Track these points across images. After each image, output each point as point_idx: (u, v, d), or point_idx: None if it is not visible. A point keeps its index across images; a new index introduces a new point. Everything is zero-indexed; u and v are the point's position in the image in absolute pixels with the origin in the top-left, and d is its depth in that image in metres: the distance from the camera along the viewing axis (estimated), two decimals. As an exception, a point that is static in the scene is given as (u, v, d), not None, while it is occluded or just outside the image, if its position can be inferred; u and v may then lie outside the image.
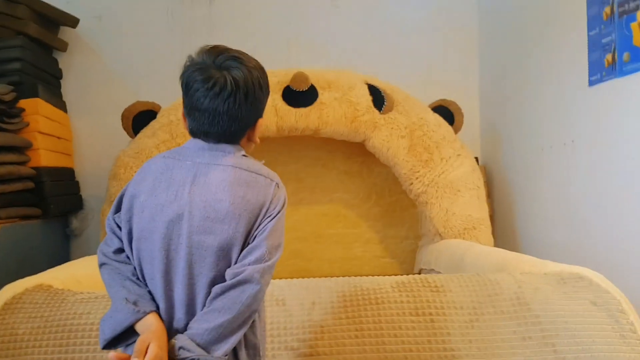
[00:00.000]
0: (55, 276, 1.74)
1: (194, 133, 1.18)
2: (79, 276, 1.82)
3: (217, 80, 1.11)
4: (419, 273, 3.05)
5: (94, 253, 2.66)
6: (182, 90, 1.16)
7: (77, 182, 3.63)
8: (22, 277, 2.94)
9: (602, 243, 2.41)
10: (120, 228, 1.19)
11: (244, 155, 1.17)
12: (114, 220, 1.21)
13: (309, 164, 3.26)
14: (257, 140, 1.23)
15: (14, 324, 1.45)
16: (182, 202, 1.11)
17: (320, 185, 3.25)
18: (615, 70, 2.32)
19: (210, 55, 1.14)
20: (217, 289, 1.08)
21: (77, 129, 3.66)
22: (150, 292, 1.14)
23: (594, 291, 1.57)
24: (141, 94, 3.35)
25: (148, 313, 1.08)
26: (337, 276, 3.16)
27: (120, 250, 1.19)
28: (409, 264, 3.18)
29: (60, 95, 3.60)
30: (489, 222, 2.99)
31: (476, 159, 3.69)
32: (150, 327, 1.07)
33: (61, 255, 3.48)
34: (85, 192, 3.65)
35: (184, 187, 1.12)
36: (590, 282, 1.60)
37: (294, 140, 3.13)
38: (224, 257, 1.10)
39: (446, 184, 2.85)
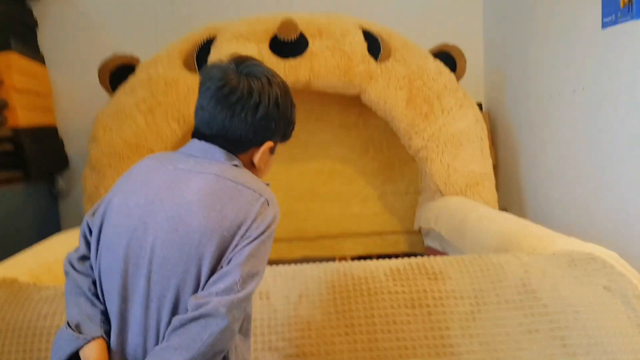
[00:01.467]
0: (23, 264, 1.61)
1: (194, 132, 1.06)
2: (50, 262, 1.69)
3: (231, 82, 1.00)
4: (419, 230, 2.93)
5: (83, 215, 2.55)
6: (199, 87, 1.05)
7: (61, 140, 3.46)
8: (9, 245, 2.84)
9: (612, 198, 2.26)
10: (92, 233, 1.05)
11: (235, 165, 1.02)
12: (87, 223, 1.07)
13: (301, 118, 2.99)
14: (262, 166, 1.09)
15: (-27, 327, 1.34)
16: (151, 210, 0.97)
17: (314, 140, 3.07)
18: (632, 11, 2.09)
19: (237, 61, 1.04)
20: (176, 320, 0.93)
21: (57, 83, 3.45)
22: (104, 312, 1.00)
23: (607, 274, 1.43)
24: (122, 44, 3.11)
25: (89, 341, 0.95)
26: (334, 235, 3.10)
27: (84, 258, 1.06)
28: (409, 220, 3.05)
29: (36, 47, 3.36)
30: (492, 177, 2.83)
31: (480, 105, 3.49)
32: (88, 359, 0.94)
33: (49, 218, 3.36)
34: (70, 150, 3.49)
35: (157, 193, 0.98)
36: (603, 264, 1.45)
37: (285, 93, 2.92)
38: (191, 280, 0.95)
39: (447, 138, 2.66)
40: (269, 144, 1.06)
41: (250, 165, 1.07)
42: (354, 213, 3.08)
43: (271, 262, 1.62)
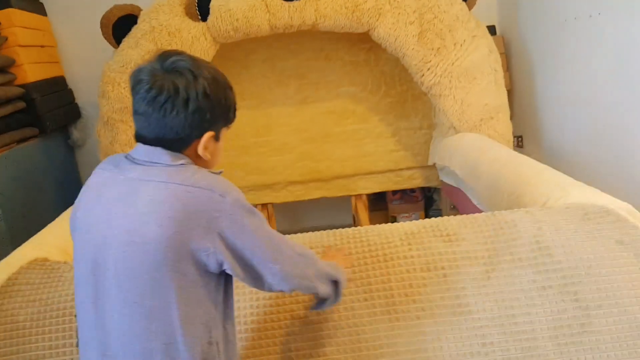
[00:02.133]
0: (51, 240, 1.67)
1: (136, 136, 1.06)
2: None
3: (156, 83, 0.99)
4: (434, 165, 2.94)
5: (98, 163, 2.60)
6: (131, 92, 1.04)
7: (71, 90, 3.45)
8: (34, 202, 2.90)
9: (629, 128, 2.22)
10: None
11: (182, 165, 1.02)
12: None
13: (310, 57, 3.00)
14: (208, 156, 1.07)
15: (13, 310, 1.42)
16: (108, 224, 0.99)
17: (325, 79, 3.02)
18: None
19: (162, 59, 1.02)
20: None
21: (60, 33, 3.38)
22: None
23: (620, 228, 1.44)
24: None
25: None
26: (350, 175, 3.13)
27: None
28: (423, 156, 3.05)
29: (36, -1, 3.27)
30: (507, 108, 2.78)
31: (493, 27, 3.36)
32: None
33: (68, 169, 3.43)
34: (80, 99, 3.48)
35: (111, 207, 1.00)
36: (617, 217, 1.46)
37: (292, 33, 2.82)
38: (160, 286, 0.97)
39: (460, 72, 2.60)
40: (209, 134, 1.05)
41: (199, 158, 1.07)
42: (368, 152, 3.08)
43: (287, 205, 1.62)
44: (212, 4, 2.55)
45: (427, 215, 3.44)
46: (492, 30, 3.32)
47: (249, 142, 3.07)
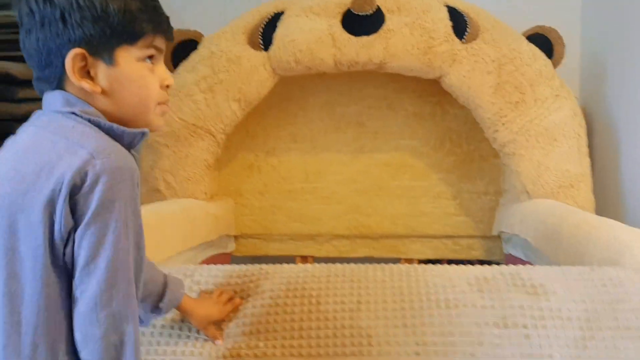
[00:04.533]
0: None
1: None
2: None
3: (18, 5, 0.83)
4: (499, 236, 2.61)
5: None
6: None
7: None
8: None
9: None
10: None
11: (72, 114, 0.81)
12: None
13: (372, 105, 2.81)
14: (96, 88, 0.84)
15: None
16: None
17: (385, 129, 2.80)
18: None
19: None
20: None
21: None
22: None
23: None
24: (185, 19, 2.96)
25: None
26: (401, 235, 2.82)
27: None
28: (486, 224, 2.72)
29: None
30: (589, 179, 2.47)
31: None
32: None
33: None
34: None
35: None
36: None
37: (355, 77, 2.68)
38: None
39: (540, 132, 2.33)
40: (75, 50, 0.81)
41: (80, 90, 0.84)
42: (424, 212, 2.79)
43: (329, 260, 1.41)
44: (276, 33, 2.43)
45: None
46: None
47: (296, 186, 2.85)
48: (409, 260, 2.85)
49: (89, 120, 0.81)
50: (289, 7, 2.49)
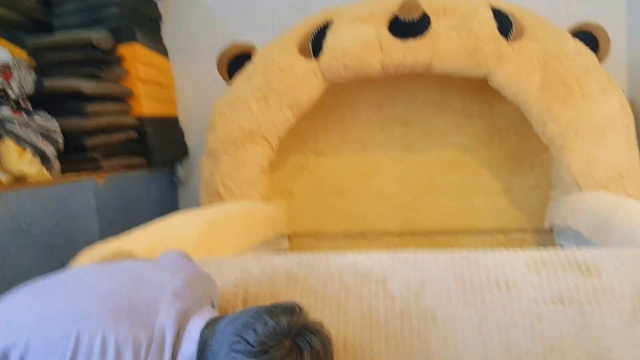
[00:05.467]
0: (139, 239, 1.60)
1: None
2: (166, 237, 1.67)
3: None
4: (551, 229, 2.63)
5: (199, 202, 2.55)
6: None
7: (182, 131, 3.56)
8: (130, 227, 2.94)
9: None
10: None
11: None
12: None
13: (419, 105, 2.88)
14: None
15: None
16: None
17: (433, 128, 2.87)
18: None
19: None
20: None
21: (179, 75, 3.55)
22: None
23: None
24: (240, 35, 3.12)
25: None
26: (452, 231, 2.88)
27: None
28: (538, 217, 2.75)
29: (160, 40, 3.48)
30: (639, 170, 2.47)
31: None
32: None
33: (169, 204, 3.47)
34: (190, 139, 3.58)
35: None
36: None
37: (402, 78, 2.76)
38: None
39: (589, 125, 2.36)
40: None
41: None
42: (475, 207, 2.84)
43: None
44: (326, 42, 2.55)
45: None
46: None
47: (346, 187, 2.95)
48: (461, 256, 2.90)
49: None
50: (337, 16, 2.61)
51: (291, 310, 0.93)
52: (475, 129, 2.83)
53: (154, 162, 3.17)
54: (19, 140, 2.44)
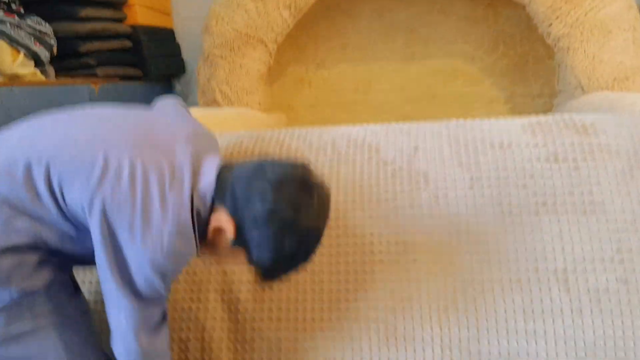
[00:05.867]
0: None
1: None
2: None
3: None
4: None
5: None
6: None
7: (178, 45, 3.47)
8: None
9: None
10: None
11: None
12: None
13: (422, 10, 2.78)
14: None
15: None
16: None
17: (436, 35, 2.78)
18: None
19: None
20: None
21: (174, -14, 3.43)
22: None
23: None
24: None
25: None
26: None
27: None
28: (539, 127, 2.71)
29: (154, -52, 3.34)
30: (646, 73, 2.41)
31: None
32: None
33: (166, 119, 3.42)
34: (187, 55, 3.50)
35: None
36: None
37: (406, -19, 2.67)
38: None
39: (594, 24, 2.28)
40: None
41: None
42: (477, 117, 2.77)
43: None
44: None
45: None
46: None
47: (347, 98, 2.89)
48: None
49: None
50: None
51: (302, 162, 0.98)
52: (479, 35, 2.75)
53: (150, 74, 3.11)
54: (12, 41, 2.38)
